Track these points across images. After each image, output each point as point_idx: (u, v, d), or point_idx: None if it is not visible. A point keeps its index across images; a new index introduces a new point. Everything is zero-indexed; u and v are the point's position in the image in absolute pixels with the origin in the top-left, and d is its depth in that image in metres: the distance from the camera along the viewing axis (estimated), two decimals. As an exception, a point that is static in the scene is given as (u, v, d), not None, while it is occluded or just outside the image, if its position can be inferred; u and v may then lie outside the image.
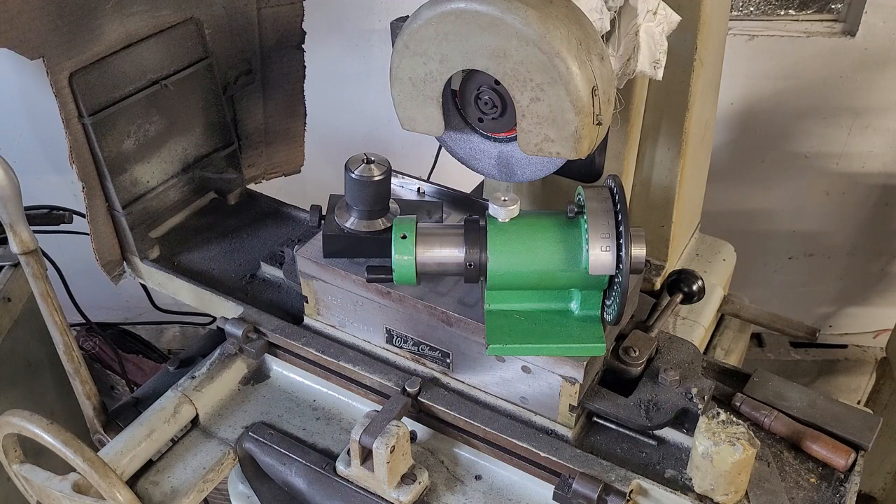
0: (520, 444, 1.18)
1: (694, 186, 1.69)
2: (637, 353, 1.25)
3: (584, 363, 1.13)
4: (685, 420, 1.20)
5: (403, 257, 1.09)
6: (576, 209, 1.10)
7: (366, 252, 1.27)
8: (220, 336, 1.41)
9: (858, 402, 2.76)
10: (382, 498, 1.18)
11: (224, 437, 1.30)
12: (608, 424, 1.25)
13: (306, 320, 1.41)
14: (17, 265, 1.94)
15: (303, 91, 1.82)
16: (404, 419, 1.21)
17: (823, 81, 2.52)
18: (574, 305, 1.12)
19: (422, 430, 1.28)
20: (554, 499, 1.15)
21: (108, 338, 2.61)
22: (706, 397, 1.19)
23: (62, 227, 1.97)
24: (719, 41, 1.59)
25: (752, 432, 1.07)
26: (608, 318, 1.10)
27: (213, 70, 1.65)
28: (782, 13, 2.61)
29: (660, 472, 1.18)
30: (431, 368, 1.30)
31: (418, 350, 1.29)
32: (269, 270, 1.59)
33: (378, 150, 1.27)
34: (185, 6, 1.53)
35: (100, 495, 1.14)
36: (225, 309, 1.47)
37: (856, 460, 1.19)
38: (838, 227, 2.83)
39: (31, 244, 1.27)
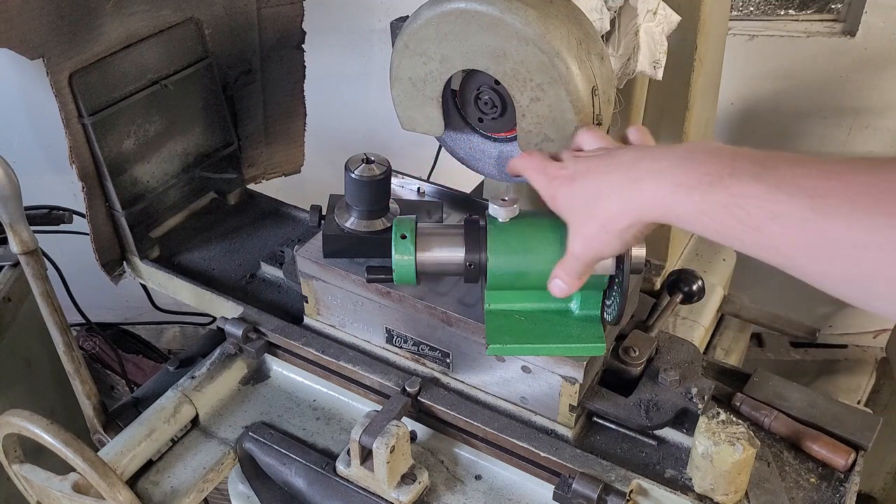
0: (520, 444, 1.18)
1: (694, 186, 1.69)
2: (637, 353, 1.25)
3: (584, 363, 1.13)
4: (685, 420, 1.20)
5: (403, 257, 1.09)
6: (576, 209, 1.10)
7: (366, 252, 1.27)
8: (220, 336, 1.41)
9: (858, 402, 2.76)
10: (382, 498, 1.18)
11: (224, 437, 1.30)
12: (608, 424, 1.25)
13: (306, 320, 1.41)
14: (17, 265, 1.93)
15: (303, 91, 1.82)
16: (404, 419, 1.21)
17: (823, 81, 2.52)
18: (574, 305, 1.12)
19: (422, 430, 1.28)
20: (554, 499, 1.15)
21: (108, 338, 2.61)
22: (706, 397, 1.19)
23: (62, 227, 1.97)
24: (719, 41, 1.59)
25: (752, 432, 1.07)
26: (608, 318, 1.10)
27: (213, 70, 1.65)
28: (782, 13, 2.61)
29: (660, 472, 1.18)
30: (431, 368, 1.30)
31: (418, 350, 1.29)
32: (269, 270, 1.59)
33: (378, 150, 1.27)
34: (185, 6, 1.53)
35: (100, 495, 1.14)
36: (225, 309, 1.47)
37: (856, 460, 1.19)
38: (838, 227, 2.83)
39: (31, 244, 1.27)
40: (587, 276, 0.94)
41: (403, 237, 1.09)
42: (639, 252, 1.04)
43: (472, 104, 1.21)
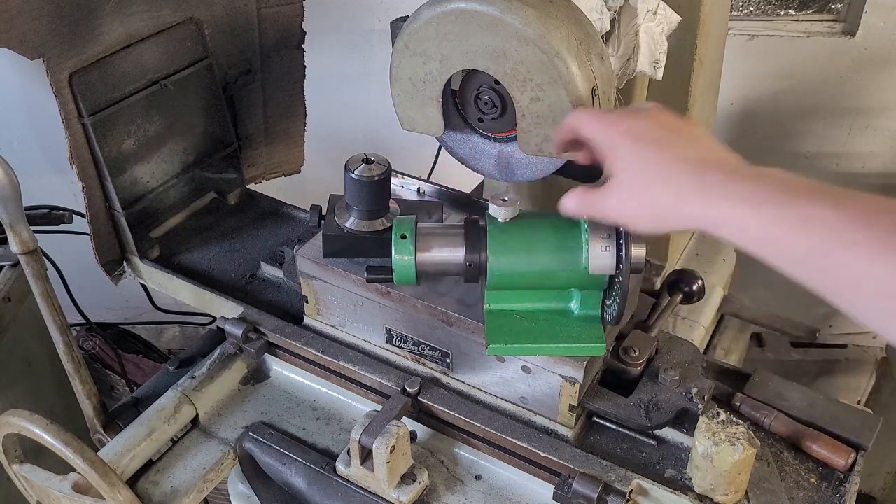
0: (520, 444, 1.18)
1: (694, 186, 1.69)
2: (637, 353, 1.25)
3: (584, 363, 1.13)
4: (685, 420, 1.20)
5: (403, 257, 1.09)
6: (576, 209, 1.10)
7: (366, 252, 1.27)
8: (220, 336, 1.41)
9: (858, 402, 2.76)
10: (382, 498, 1.18)
11: (224, 437, 1.30)
12: (608, 424, 1.25)
13: (306, 320, 1.41)
14: (17, 265, 1.94)
15: (303, 91, 1.82)
16: (404, 419, 1.21)
17: (823, 81, 2.52)
18: (574, 305, 1.12)
19: (422, 430, 1.28)
20: (554, 499, 1.15)
21: (108, 338, 2.61)
22: (706, 397, 1.19)
23: (62, 227, 1.98)
24: (719, 41, 1.59)
25: (752, 432, 1.07)
26: (608, 318, 1.10)
27: (213, 70, 1.65)
28: (782, 13, 2.61)
29: (660, 472, 1.18)
30: (431, 368, 1.30)
31: (418, 350, 1.29)
32: (269, 270, 1.59)
33: (378, 150, 1.27)
34: (185, 6, 1.53)
35: (100, 495, 1.14)
36: (225, 309, 1.47)
37: (856, 460, 1.19)
38: (838, 227, 2.83)
39: (31, 244, 1.27)
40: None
41: (403, 237, 1.09)
42: (639, 252, 1.04)
43: (472, 104, 1.21)
